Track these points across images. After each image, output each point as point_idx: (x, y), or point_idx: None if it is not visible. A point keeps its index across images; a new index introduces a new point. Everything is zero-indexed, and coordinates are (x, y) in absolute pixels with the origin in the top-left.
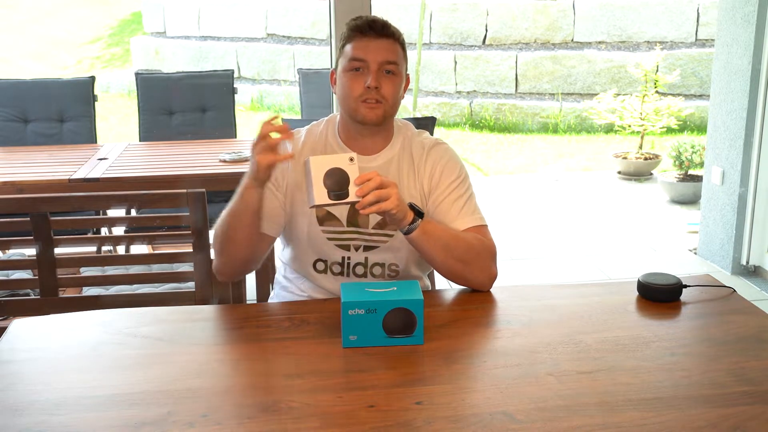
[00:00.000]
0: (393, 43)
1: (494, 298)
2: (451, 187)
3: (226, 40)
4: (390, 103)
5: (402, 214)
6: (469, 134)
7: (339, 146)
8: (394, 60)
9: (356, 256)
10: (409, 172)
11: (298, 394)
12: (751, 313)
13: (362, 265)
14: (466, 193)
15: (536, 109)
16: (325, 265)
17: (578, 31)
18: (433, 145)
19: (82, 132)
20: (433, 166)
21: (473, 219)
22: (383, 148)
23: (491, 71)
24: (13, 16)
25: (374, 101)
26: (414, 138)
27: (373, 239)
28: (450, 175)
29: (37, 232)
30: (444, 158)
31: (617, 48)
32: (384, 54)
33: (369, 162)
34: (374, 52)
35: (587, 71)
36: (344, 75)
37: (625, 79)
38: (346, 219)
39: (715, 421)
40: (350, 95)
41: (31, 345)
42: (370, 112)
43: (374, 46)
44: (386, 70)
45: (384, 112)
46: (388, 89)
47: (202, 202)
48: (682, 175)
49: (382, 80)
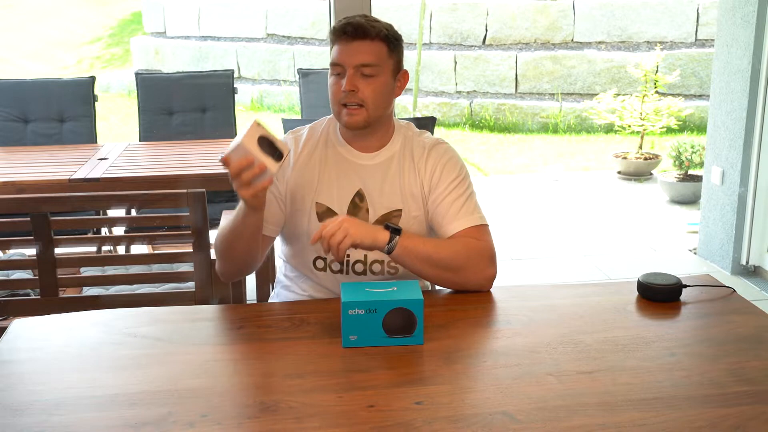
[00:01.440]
0: (371, 43)
1: (494, 298)
2: (451, 187)
3: (226, 40)
4: (372, 105)
5: (370, 239)
6: (469, 134)
7: (339, 143)
8: (370, 62)
9: (355, 254)
10: (409, 171)
11: (298, 394)
12: (751, 313)
13: (361, 263)
14: (465, 192)
15: (536, 109)
16: (325, 262)
17: (578, 31)
18: (434, 144)
19: (82, 132)
20: (434, 166)
21: (471, 219)
22: (383, 146)
23: (491, 71)
24: (13, 16)
25: (355, 105)
26: (415, 138)
27: None
28: (450, 174)
29: (37, 232)
30: (444, 158)
31: (617, 48)
32: (359, 57)
33: (370, 159)
34: (349, 56)
35: (587, 71)
36: (329, 79)
37: (625, 79)
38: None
39: (715, 421)
40: (333, 99)
41: (31, 345)
42: (351, 118)
43: (349, 50)
44: (363, 73)
45: (367, 115)
46: (367, 92)
47: (202, 202)
48: (682, 175)
49: (360, 83)
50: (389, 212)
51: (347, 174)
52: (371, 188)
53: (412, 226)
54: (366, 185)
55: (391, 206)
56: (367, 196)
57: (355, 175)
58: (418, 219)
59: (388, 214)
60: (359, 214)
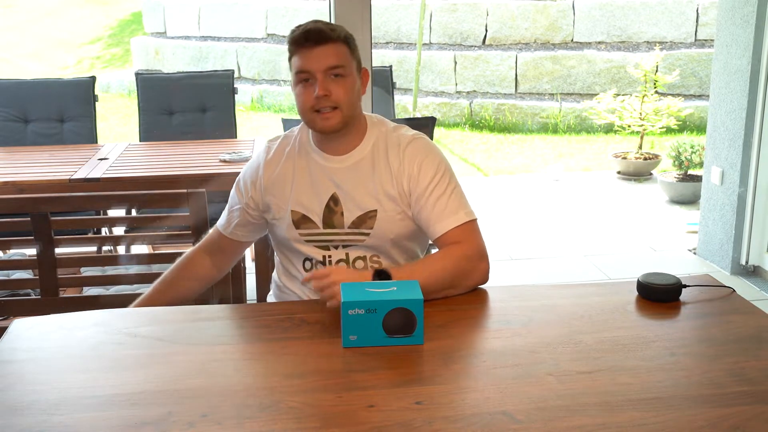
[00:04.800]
0: (334, 45)
1: (494, 298)
2: (431, 187)
3: (226, 40)
4: (346, 105)
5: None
6: (469, 134)
7: (313, 150)
8: (338, 63)
9: (337, 254)
10: (384, 170)
11: (298, 394)
12: (750, 313)
13: (344, 261)
14: (447, 188)
15: (536, 109)
16: (312, 263)
17: (578, 31)
18: (410, 141)
19: (82, 132)
20: (410, 166)
21: (455, 219)
22: (355, 147)
23: (491, 71)
24: (13, 16)
25: (329, 109)
26: (390, 134)
27: (350, 238)
28: (428, 173)
29: (37, 232)
30: (421, 154)
31: (617, 48)
32: (326, 60)
33: (340, 163)
34: (317, 61)
35: (587, 71)
36: (296, 88)
37: (625, 80)
38: (321, 221)
39: (715, 421)
40: (304, 107)
41: (31, 345)
42: (327, 122)
43: (315, 55)
44: (333, 74)
45: (342, 117)
46: (340, 93)
47: (202, 202)
48: (682, 175)
49: (331, 86)
50: (364, 213)
51: (321, 179)
52: (345, 191)
53: (391, 224)
54: (340, 188)
55: (365, 207)
56: (341, 199)
57: (328, 179)
58: (397, 217)
59: (363, 216)
60: (334, 218)
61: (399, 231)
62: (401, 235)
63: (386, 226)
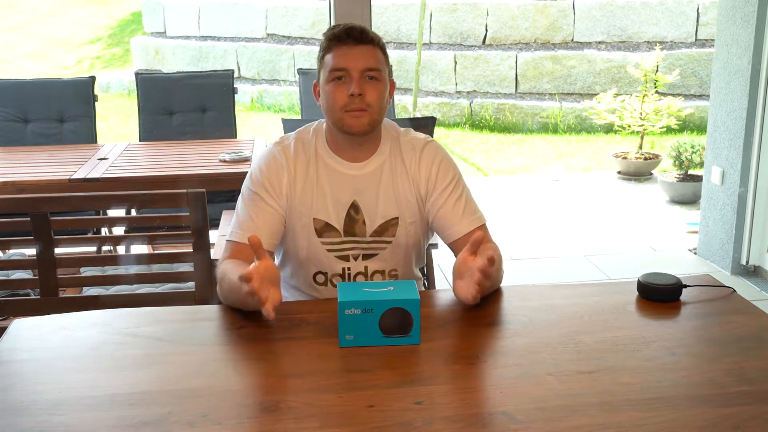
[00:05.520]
0: (373, 48)
1: (494, 298)
2: (449, 189)
3: (226, 40)
4: (376, 109)
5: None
6: (469, 134)
7: (328, 155)
8: (376, 66)
9: (356, 266)
10: (402, 176)
11: (298, 394)
12: (750, 313)
13: (363, 275)
14: (463, 192)
15: (536, 109)
16: (326, 277)
17: (578, 31)
18: (424, 145)
19: (82, 132)
20: (428, 168)
21: (475, 219)
22: (373, 154)
23: (491, 71)
24: (13, 16)
25: (359, 110)
26: (402, 138)
27: (371, 247)
28: (446, 176)
29: (37, 232)
30: (437, 158)
31: (617, 48)
32: (365, 60)
33: (359, 170)
34: (355, 60)
35: (587, 71)
36: (327, 86)
37: (625, 79)
38: (342, 229)
39: (715, 421)
40: (335, 105)
41: (31, 345)
42: (356, 122)
43: (354, 54)
44: (369, 76)
45: (370, 119)
46: (373, 95)
47: (202, 202)
48: (682, 175)
49: (366, 87)
50: (386, 221)
51: (340, 186)
52: (366, 199)
53: (409, 232)
54: (360, 197)
55: (387, 215)
56: (362, 207)
57: (347, 186)
58: (414, 225)
59: (385, 224)
60: (356, 227)
61: (416, 237)
62: (417, 240)
63: (406, 233)
